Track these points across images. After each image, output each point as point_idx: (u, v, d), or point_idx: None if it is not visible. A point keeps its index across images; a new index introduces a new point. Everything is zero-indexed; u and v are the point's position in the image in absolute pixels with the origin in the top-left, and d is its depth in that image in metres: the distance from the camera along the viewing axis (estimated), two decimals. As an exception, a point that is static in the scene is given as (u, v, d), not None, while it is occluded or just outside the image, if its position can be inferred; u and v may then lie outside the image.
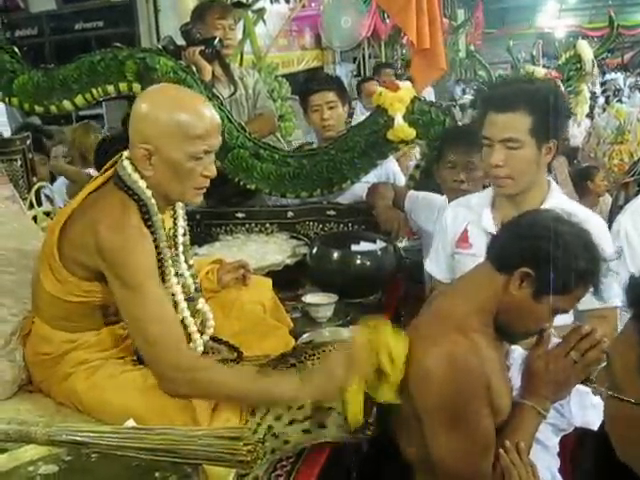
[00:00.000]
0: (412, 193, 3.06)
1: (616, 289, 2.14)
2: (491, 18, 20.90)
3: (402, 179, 3.57)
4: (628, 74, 18.36)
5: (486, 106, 2.15)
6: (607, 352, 1.27)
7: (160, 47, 3.40)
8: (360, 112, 5.70)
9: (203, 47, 3.44)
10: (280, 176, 3.24)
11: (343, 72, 10.27)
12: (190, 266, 2.12)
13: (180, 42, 3.54)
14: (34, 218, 2.80)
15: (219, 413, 1.83)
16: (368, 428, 1.94)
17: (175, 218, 2.08)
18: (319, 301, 2.63)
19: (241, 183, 3.24)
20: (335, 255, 2.78)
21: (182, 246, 2.09)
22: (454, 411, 1.68)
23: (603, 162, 6.54)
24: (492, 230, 2.11)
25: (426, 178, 3.16)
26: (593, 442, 2.25)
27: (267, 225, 3.30)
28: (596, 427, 1.88)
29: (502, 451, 1.72)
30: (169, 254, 1.97)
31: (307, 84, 3.65)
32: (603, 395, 1.13)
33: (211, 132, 1.88)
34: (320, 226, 3.28)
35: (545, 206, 2.11)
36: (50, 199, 3.36)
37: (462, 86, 15.89)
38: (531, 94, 2.12)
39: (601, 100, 13.32)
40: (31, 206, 2.89)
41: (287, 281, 2.81)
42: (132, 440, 1.34)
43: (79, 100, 3.16)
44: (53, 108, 3.21)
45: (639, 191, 3.53)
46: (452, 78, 16.13)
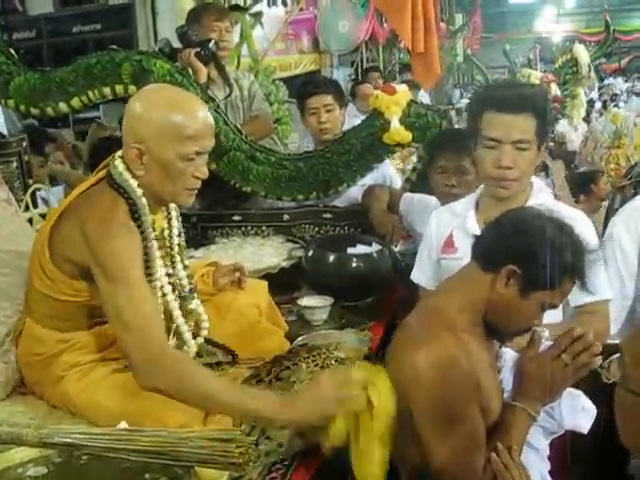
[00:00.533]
0: (407, 195, 3.06)
1: (604, 282, 2.16)
2: (489, 23, 20.98)
3: (398, 182, 3.57)
4: (625, 79, 18.41)
5: (485, 107, 2.14)
6: (619, 344, 1.30)
7: (156, 50, 3.41)
8: (353, 114, 5.69)
9: (199, 49, 3.44)
10: (276, 179, 3.24)
11: (341, 76, 10.29)
12: (185, 266, 2.12)
13: (177, 45, 3.54)
14: (30, 220, 2.79)
15: (212, 416, 1.82)
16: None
17: (169, 219, 2.08)
18: (314, 304, 2.62)
19: (237, 186, 3.24)
20: (331, 258, 2.77)
21: (177, 247, 2.09)
22: (443, 410, 1.68)
23: (600, 166, 6.57)
24: (477, 232, 2.11)
25: (422, 181, 3.16)
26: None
27: (263, 228, 3.29)
28: (586, 431, 1.88)
29: (494, 453, 1.72)
30: (158, 253, 1.97)
31: (305, 87, 3.65)
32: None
33: (204, 133, 1.88)
34: (316, 229, 3.27)
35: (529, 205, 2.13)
36: (46, 201, 3.36)
37: (460, 90, 15.94)
38: (534, 96, 2.16)
39: (598, 105, 13.36)
40: (27, 208, 2.88)
41: (283, 284, 2.80)
42: (123, 442, 1.34)
43: (75, 102, 3.16)
44: (49, 110, 3.21)
45: (635, 194, 3.53)
46: (450, 82, 16.18)
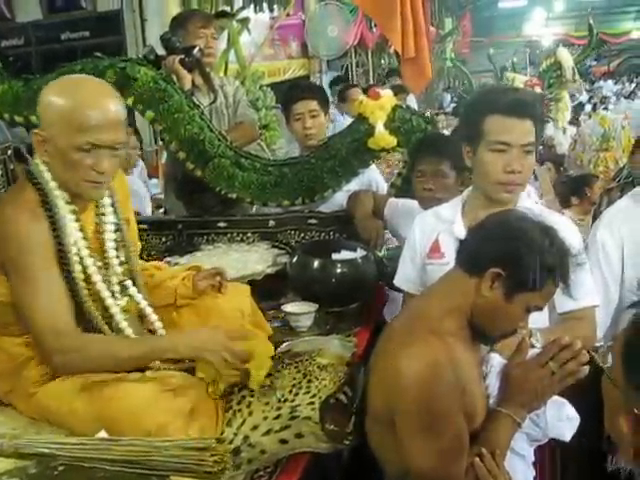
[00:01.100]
0: (392, 200, 3.06)
1: (591, 288, 2.16)
2: (479, 26, 21.03)
3: (384, 187, 3.56)
4: (615, 81, 18.50)
5: (488, 111, 2.11)
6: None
7: (141, 57, 3.40)
8: (343, 119, 5.70)
9: (183, 56, 3.44)
10: (261, 185, 3.23)
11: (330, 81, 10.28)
12: (122, 262, 2.11)
13: (162, 52, 3.54)
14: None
15: (193, 422, 1.81)
16: (347, 438, 1.94)
17: (102, 214, 2.07)
18: (299, 310, 2.61)
19: (222, 192, 3.23)
20: (315, 264, 2.76)
21: (113, 242, 2.08)
22: (426, 413, 1.68)
23: (589, 169, 6.58)
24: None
25: (408, 185, 3.16)
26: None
27: (249, 234, 3.28)
28: (568, 439, 1.89)
29: (477, 458, 1.72)
30: (83, 244, 1.97)
31: (289, 93, 3.66)
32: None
33: (101, 126, 1.85)
34: (301, 235, 3.26)
35: None
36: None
37: (451, 94, 15.98)
38: (535, 102, 2.20)
39: (588, 107, 13.40)
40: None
41: (269, 290, 2.81)
42: (99, 451, 1.34)
43: (59, 110, 3.15)
44: (33, 118, 3.18)
45: (622, 197, 3.54)
46: (440, 87, 16.22)
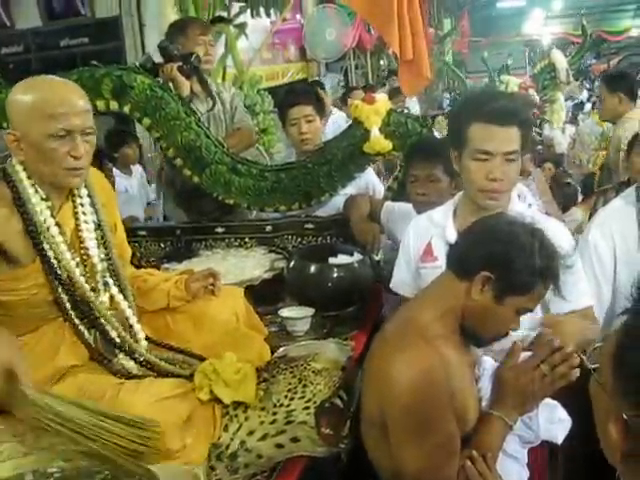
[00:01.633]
0: (388, 204, 3.08)
1: (584, 289, 2.19)
2: (478, 26, 20.99)
3: (381, 190, 3.59)
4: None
5: (473, 119, 2.12)
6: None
7: (138, 65, 3.44)
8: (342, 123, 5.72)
9: (181, 63, 3.47)
10: (258, 190, 3.26)
11: (329, 84, 10.30)
12: (102, 259, 2.14)
13: (159, 59, 3.57)
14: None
15: (190, 428, 1.84)
16: (342, 441, 1.96)
17: (83, 213, 2.11)
18: (295, 315, 2.63)
19: (220, 198, 3.26)
20: (312, 268, 2.78)
21: (93, 241, 2.12)
22: (418, 417, 1.70)
23: (587, 168, 6.60)
24: None
25: (404, 189, 3.19)
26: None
27: (246, 239, 3.31)
28: (560, 441, 1.91)
29: (468, 461, 1.74)
30: (60, 239, 2.01)
31: (285, 98, 3.68)
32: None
33: (69, 112, 1.93)
34: (299, 239, 3.29)
35: None
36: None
37: (450, 95, 15.96)
38: (520, 108, 2.18)
39: (588, 106, 13.37)
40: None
41: (266, 295, 2.83)
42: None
43: (56, 119, 3.17)
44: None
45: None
46: (440, 87, 16.21)
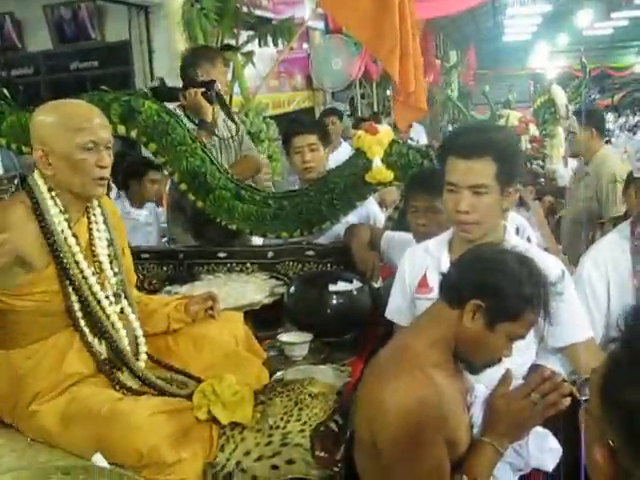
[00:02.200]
0: (388, 233, 3.12)
1: (582, 321, 2.23)
2: (484, 59, 21.19)
3: (382, 220, 3.64)
4: (618, 114, 18.57)
5: (448, 152, 2.19)
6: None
7: (150, 88, 3.54)
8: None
9: (204, 89, 3.57)
10: (261, 217, 3.31)
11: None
12: (116, 273, 2.25)
13: (170, 83, 3.69)
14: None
15: (186, 446, 1.88)
16: (337, 465, 1.99)
17: (97, 230, 2.23)
18: (294, 340, 2.67)
19: (223, 223, 3.31)
20: (311, 294, 2.83)
21: (106, 257, 2.23)
22: (409, 443, 1.71)
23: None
24: None
25: (404, 218, 3.23)
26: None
27: (248, 265, 3.34)
28: (550, 470, 1.93)
29: None
30: (77, 249, 2.12)
31: (289, 127, 3.75)
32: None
33: (95, 126, 2.10)
34: (300, 266, 3.32)
35: None
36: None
37: (455, 126, 16.02)
38: (496, 141, 2.18)
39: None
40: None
41: (266, 320, 2.87)
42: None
43: (65, 141, 3.24)
44: (40, 149, 3.28)
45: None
46: (445, 118, 16.31)
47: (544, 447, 1.93)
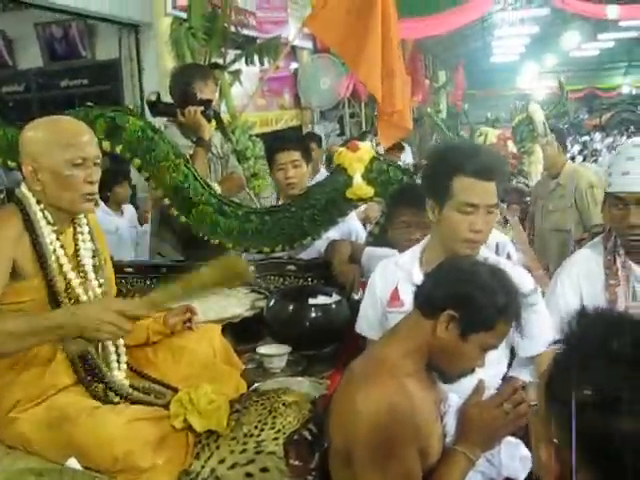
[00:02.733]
0: (369, 249, 3.16)
1: (549, 332, 2.28)
2: (472, 79, 21.36)
3: (363, 236, 3.69)
4: (605, 134, 18.76)
5: (458, 172, 2.20)
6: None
7: (147, 101, 3.65)
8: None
9: (203, 108, 3.64)
10: (243, 232, 3.34)
11: (322, 131, 10.46)
12: (100, 284, 2.28)
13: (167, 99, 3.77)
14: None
15: (162, 452, 1.91)
16: (310, 473, 2.02)
17: (82, 241, 2.26)
18: (272, 352, 2.71)
19: (205, 238, 3.35)
20: (290, 308, 2.87)
21: (91, 267, 2.26)
22: (381, 452, 1.74)
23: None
24: None
25: (385, 234, 3.28)
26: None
27: (230, 279, 3.38)
28: (521, 478, 1.97)
29: None
30: (65, 260, 2.16)
31: (273, 144, 3.81)
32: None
33: (84, 142, 2.14)
34: (281, 280, 3.36)
35: None
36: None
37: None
38: (500, 164, 2.29)
39: (579, 159, 13.58)
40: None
41: (247, 333, 2.90)
42: None
43: (51, 157, 3.28)
44: (26, 164, 3.32)
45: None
46: (434, 137, 16.39)
47: (516, 456, 1.97)
